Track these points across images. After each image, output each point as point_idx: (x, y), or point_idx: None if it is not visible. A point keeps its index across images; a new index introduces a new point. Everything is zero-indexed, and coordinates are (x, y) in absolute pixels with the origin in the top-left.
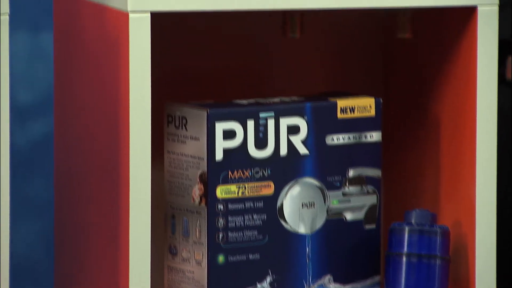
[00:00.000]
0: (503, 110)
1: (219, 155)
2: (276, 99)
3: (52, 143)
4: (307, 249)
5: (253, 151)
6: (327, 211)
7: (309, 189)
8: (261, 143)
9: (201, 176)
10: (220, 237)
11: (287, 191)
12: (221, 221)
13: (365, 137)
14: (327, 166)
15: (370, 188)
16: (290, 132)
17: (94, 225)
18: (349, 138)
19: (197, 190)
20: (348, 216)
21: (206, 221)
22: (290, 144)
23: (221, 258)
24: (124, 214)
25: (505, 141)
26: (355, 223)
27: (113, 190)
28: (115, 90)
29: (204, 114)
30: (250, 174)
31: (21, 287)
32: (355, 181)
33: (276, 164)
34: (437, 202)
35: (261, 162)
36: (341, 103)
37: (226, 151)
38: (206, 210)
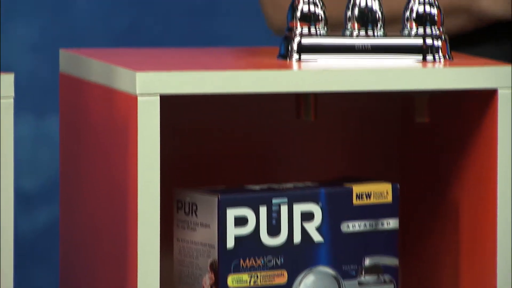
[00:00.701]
0: None
1: (230, 243)
2: (290, 185)
3: (57, 231)
4: None
5: (265, 239)
6: None
7: (323, 278)
8: (274, 230)
9: (211, 265)
10: None
11: (301, 280)
12: None
13: (382, 224)
14: (342, 254)
15: (387, 277)
16: (304, 219)
17: None
18: (365, 225)
19: (207, 280)
20: None
21: None
22: (304, 231)
23: None
24: None
25: None
26: None
27: (120, 279)
28: (123, 175)
29: (215, 200)
30: (263, 262)
31: None
32: (372, 269)
33: (289, 252)
34: None
35: (274, 250)
36: (357, 189)
37: (237, 239)
38: None
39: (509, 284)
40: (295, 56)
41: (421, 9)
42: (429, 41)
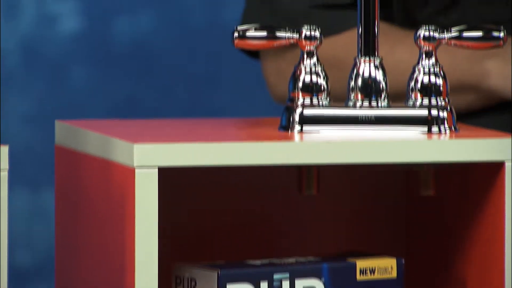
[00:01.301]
0: None
1: None
2: (291, 259)
3: None
4: None
5: None
6: None
7: None
8: None
9: None
10: None
11: None
12: None
13: None
14: None
15: None
16: None
17: None
18: None
19: None
20: None
21: None
22: None
23: None
24: None
25: None
26: None
27: None
28: (120, 250)
29: (214, 275)
30: None
31: None
32: None
33: None
34: None
35: None
36: (361, 264)
37: None
38: None
39: None
40: (297, 127)
41: (426, 79)
42: (434, 112)
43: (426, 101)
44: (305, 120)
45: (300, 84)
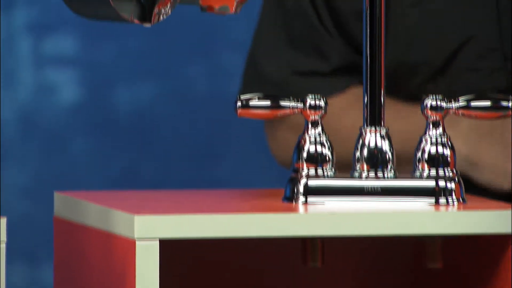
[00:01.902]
0: None
1: None
2: None
3: None
4: None
5: None
6: None
7: None
8: None
9: None
10: None
11: None
12: None
13: None
14: None
15: None
16: None
17: None
18: None
19: None
20: None
21: None
22: None
23: None
24: None
25: None
26: None
27: None
28: None
29: None
30: None
31: None
32: None
33: None
34: None
35: None
36: None
37: None
38: None
39: None
40: (301, 198)
41: (433, 149)
42: (442, 183)
43: (433, 172)
44: (310, 191)
45: (305, 154)
